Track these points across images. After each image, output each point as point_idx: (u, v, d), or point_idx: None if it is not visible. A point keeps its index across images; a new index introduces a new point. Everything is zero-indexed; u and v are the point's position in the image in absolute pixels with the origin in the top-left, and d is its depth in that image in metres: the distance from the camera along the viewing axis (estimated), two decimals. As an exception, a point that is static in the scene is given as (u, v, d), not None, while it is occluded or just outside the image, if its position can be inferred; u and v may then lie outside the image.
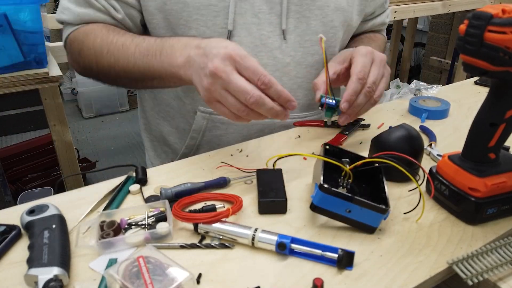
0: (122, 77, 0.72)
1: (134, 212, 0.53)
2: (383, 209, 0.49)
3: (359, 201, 0.49)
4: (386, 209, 0.50)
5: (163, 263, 0.43)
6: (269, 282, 0.44)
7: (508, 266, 0.46)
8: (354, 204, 0.50)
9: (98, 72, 0.75)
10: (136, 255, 0.44)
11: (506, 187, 0.52)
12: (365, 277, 0.45)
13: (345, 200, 0.50)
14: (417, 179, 0.56)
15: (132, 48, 0.69)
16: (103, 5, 0.74)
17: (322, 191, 0.50)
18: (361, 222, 0.51)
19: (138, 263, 0.42)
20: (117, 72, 0.71)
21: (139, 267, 0.42)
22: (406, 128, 0.62)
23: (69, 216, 0.52)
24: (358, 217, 0.51)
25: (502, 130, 0.51)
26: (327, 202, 0.50)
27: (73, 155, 1.53)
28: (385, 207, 0.49)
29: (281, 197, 0.55)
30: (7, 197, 1.65)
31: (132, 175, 0.63)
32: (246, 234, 0.49)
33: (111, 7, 0.75)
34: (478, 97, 0.97)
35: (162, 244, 0.49)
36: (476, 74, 0.48)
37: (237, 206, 0.53)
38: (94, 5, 0.74)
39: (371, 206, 0.49)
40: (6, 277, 0.45)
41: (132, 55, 0.68)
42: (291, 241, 0.47)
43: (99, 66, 0.73)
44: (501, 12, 0.43)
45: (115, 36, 0.72)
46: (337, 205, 0.50)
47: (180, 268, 0.43)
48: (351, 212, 0.50)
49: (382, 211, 0.50)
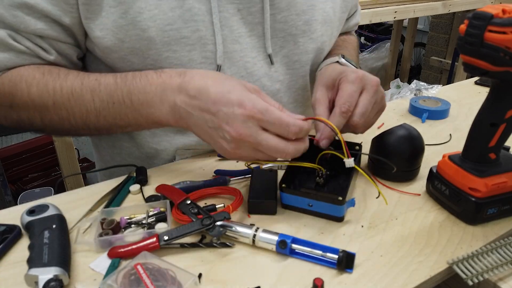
0: (81, 128, 0.60)
1: (135, 211, 0.53)
2: (339, 200, 0.51)
3: (315, 195, 0.53)
4: (342, 201, 0.51)
5: (162, 268, 0.43)
6: (269, 282, 0.44)
7: (509, 266, 0.46)
8: (311, 199, 0.53)
9: (44, 126, 0.62)
10: (132, 263, 0.43)
11: (506, 187, 0.52)
12: (365, 277, 0.45)
13: (303, 196, 0.53)
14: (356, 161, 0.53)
15: (87, 96, 0.57)
16: (28, 47, 0.59)
17: (281, 191, 0.54)
18: (325, 214, 0.54)
19: (136, 271, 0.42)
20: (73, 125, 0.60)
21: (138, 275, 0.41)
22: (406, 128, 0.62)
23: (69, 216, 0.52)
24: (321, 209, 0.53)
25: (502, 130, 0.51)
26: (292, 200, 0.54)
27: (73, 155, 1.53)
28: (341, 198, 0.51)
29: (271, 198, 0.55)
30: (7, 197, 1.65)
31: (132, 175, 0.63)
32: (247, 234, 0.49)
33: (39, 47, 0.60)
34: (478, 97, 0.97)
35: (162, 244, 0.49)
36: (476, 74, 0.48)
37: (237, 202, 0.53)
38: (16, 48, 0.59)
39: (327, 198, 0.52)
40: (6, 277, 0.45)
41: (90, 104, 0.57)
42: (292, 241, 0.47)
43: (45, 121, 0.60)
44: (501, 12, 0.43)
45: (56, 83, 0.58)
46: (299, 201, 0.54)
47: (181, 271, 0.42)
48: (313, 206, 0.54)
49: (338, 202, 0.51)
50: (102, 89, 0.57)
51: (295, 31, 0.69)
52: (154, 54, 0.60)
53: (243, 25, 0.65)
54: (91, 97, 0.57)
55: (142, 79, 0.56)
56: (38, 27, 0.58)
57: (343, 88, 0.59)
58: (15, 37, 0.58)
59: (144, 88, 0.56)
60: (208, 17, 0.61)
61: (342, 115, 0.56)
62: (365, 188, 0.61)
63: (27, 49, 0.59)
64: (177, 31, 0.60)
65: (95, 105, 0.58)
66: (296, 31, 0.69)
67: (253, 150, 0.50)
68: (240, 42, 0.65)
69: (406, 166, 0.61)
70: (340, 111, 0.56)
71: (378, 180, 0.63)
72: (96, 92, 0.57)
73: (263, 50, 0.68)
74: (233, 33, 0.64)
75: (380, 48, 3.72)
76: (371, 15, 1.86)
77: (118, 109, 0.57)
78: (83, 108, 0.58)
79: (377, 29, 4.02)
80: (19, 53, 0.59)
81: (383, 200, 0.58)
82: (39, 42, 0.60)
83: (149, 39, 0.59)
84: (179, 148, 0.70)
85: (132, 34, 0.59)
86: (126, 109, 0.57)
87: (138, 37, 0.59)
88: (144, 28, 0.58)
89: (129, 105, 0.56)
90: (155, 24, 0.58)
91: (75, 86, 0.58)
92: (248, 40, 0.66)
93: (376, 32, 4.01)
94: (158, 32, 0.59)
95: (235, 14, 0.64)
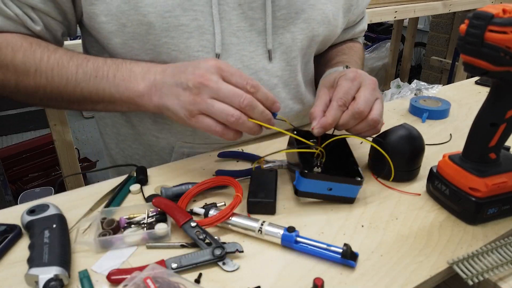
0: (53, 99, 0.63)
1: (135, 211, 0.53)
2: (359, 181, 0.55)
3: (338, 179, 0.54)
4: (361, 181, 0.55)
5: (172, 282, 0.41)
6: (269, 282, 0.44)
7: (509, 266, 0.46)
8: (334, 182, 0.54)
9: (16, 91, 0.63)
10: (142, 275, 0.41)
11: (506, 187, 0.52)
12: (365, 277, 0.45)
13: (325, 180, 0.54)
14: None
15: (71, 67, 0.60)
16: (17, 14, 0.60)
17: (303, 177, 0.54)
18: (342, 196, 0.56)
19: (146, 285, 0.40)
20: (47, 93, 0.62)
21: None
22: (407, 128, 0.62)
23: (69, 216, 0.52)
24: (339, 193, 0.55)
25: (502, 130, 0.51)
26: (309, 185, 0.55)
27: (74, 155, 1.53)
28: (360, 179, 0.55)
29: (270, 198, 0.55)
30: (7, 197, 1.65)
31: (133, 175, 0.63)
32: (253, 227, 0.50)
33: (27, 17, 0.61)
34: (478, 97, 0.97)
35: (163, 244, 0.49)
36: (476, 74, 0.48)
37: (237, 200, 0.53)
38: (4, 12, 0.60)
39: (349, 181, 0.55)
40: (6, 277, 0.45)
41: (72, 75, 0.60)
42: (296, 235, 0.48)
43: (19, 86, 0.62)
44: (502, 12, 0.43)
45: (44, 53, 0.61)
46: (318, 187, 0.55)
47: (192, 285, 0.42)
48: (332, 190, 0.55)
49: (359, 183, 0.55)
50: (90, 64, 0.61)
51: (294, 29, 0.70)
52: (153, 39, 0.62)
53: (244, 19, 0.66)
54: (76, 69, 0.60)
55: (132, 62, 0.61)
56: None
57: (340, 85, 0.61)
58: (7, 2, 0.60)
59: (131, 68, 0.60)
60: (207, 8, 0.63)
61: (339, 108, 0.58)
62: (365, 188, 0.61)
63: (16, 15, 0.61)
64: (176, 18, 0.61)
65: (76, 77, 0.60)
66: (294, 28, 0.70)
67: (211, 100, 0.52)
68: (238, 36, 0.67)
69: (406, 166, 0.62)
70: (337, 104, 0.58)
71: (378, 180, 0.63)
72: (82, 66, 0.61)
73: (262, 45, 0.69)
74: (232, 26, 0.66)
75: (381, 48, 3.72)
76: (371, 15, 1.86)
77: (98, 82, 0.60)
78: (63, 78, 0.61)
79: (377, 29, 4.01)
80: (6, 18, 0.61)
81: (383, 200, 0.58)
82: (28, 12, 0.62)
83: (149, 24, 0.61)
84: (177, 139, 0.72)
85: (133, 19, 0.61)
86: (105, 84, 0.60)
87: (138, 22, 0.61)
88: (145, 14, 0.60)
89: (111, 79, 0.60)
90: (155, 10, 0.60)
91: (62, 58, 0.61)
92: (247, 34, 0.67)
93: (376, 32, 4.01)
94: (157, 18, 0.61)
95: (236, 8, 0.65)
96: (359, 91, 0.60)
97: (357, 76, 0.61)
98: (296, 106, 0.78)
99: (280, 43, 0.70)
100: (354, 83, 0.60)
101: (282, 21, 0.69)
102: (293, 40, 0.71)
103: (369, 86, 0.60)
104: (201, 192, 0.58)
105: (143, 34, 0.62)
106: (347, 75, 0.61)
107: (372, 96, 0.59)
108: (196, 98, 0.53)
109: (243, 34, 0.67)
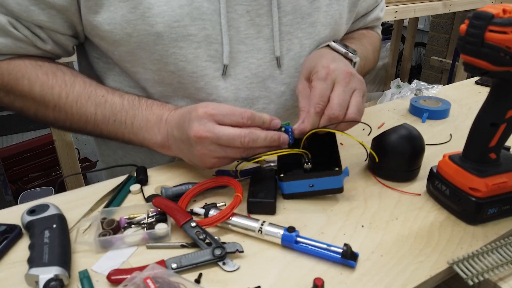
0: (73, 130, 0.65)
1: (135, 211, 0.53)
2: (337, 171, 0.54)
3: (315, 174, 0.55)
4: (339, 170, 0.54)
5: (172, 282, 0.41)
6: (269, 282, 0.44)
7: (509, 266, 0.46)
8: (312, 179, 0.55)
9: (35, 118, 0.65)
10: (142, 276, 0.41)
11: (506, 187, 0.52)
12: (365, 277, 0.45)
13: (304, 179, 0.55)
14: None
15: (90, 108, 0.61)
16: (26, 35, 0.60)
17: (281, 181, 0.56)
18: (326, 189, 0.56)
19: (146, 285, 0.40)
20: (67, 126, 0.64)
21: None
22: (407, 128, 0.62)
23: (69, 216, 0.52)
24: (323, 186, 0.56)
25: (502, 130, 0.51)
26: (291, 187, 0.56)
27: (74, 155, 1.53)
28: (338, 169, 0.54)
29: (270, 198, 0.55)
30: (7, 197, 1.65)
31: (133, 175, 0.63)
32: (253, 227, 0.50)
33: (37, 36, 0.61)
34: (478, 97, 0.97)
35: (163, 244, 0.49)
36: (476, 74, 0.48)
37: (237, 200, 0.53)
38: (13, 35, 0.59)
39: (327, 173, 0.55)
40: (6, 277, 0.45)
41: (91, 115, 0.62)
42: (297, 235, 0.48)
43: (38, 115, 0.64)
44: (502, 12, 0.43)
45: (62, 89, 0.61)
46: (300, 186, 0.56)
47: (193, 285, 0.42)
48: (314, 186, 0.56)
49: (337, 173, 0.54)
50: (108, 106, 0.62)
51: (301, 34, 0.69)
52: (161, 50, 0.61)
53: (252, 26, 0.65)
54: (94, 110, 0.62)
55: (147, 107, 0.62)
56: (40, 18, 0.59)
57: (314, 86, 0.58)
58: (15, 24, 0.59)
59: (147, 116, 0.62)
60: (216, 17, 0.62)
61: (316, 115, 0.57)
62: (365, 187, 0.61)
63: (25, 37, 0.60)
64: (184, 28, 0.60)
65: (96, 117, 0.62)
66: (301, 33, 0.69)
67: (218, 146, 0.53)
68: (246, 43, 0.66)
69: (407, 166, 0.62)
70: (315, 111, 0.57)
71: (378, 180, 0.63)
72: (100, 107, 0.62)
73: (270, 52, 0.68)
74: (240, 34, 0.64)
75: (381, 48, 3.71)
76: (371, 15, 1.86)
77: (117, 126, 0.62)
78: (83, 117, 0.62)
79: (377, 29, 4.01)
80: (16, 40, 0.60)
81: (383, 200, 0.58)
82: (37, 32, 0.61)
83: (157, 35, 0.60)
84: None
85: (140, 29, 0.60)
86: (124, 129, 0.62)
87: (146, 32, 0.60)
88: (152, 24, 0.59)
89: (129, 126, 0.62)
90: (163, 20, 0.59)
91: (81, 96, 0.62)
92: (255, 41, 0.66)
93: (377, 32, 4.00)
94: (165, 28, 0.60)
95: (244, 16, 0.64)
96: (333, 90, 0.57)
97: (329, 73, 0.58)
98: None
99: (288, 49, 0.69)
100: (327, 82, 0.58)
101: (289, 27, 0.68)
102: (301, 46, 0.70)
103: (343, 81, 0.57)
104: (201, 192, 0.58)
105: (150, 44, 0.61)
106: (319, 74, 0.59)
107: (347, 93, 0.57)
108: (203, 150, 0.54)
109: (251, 42, 0.66)
